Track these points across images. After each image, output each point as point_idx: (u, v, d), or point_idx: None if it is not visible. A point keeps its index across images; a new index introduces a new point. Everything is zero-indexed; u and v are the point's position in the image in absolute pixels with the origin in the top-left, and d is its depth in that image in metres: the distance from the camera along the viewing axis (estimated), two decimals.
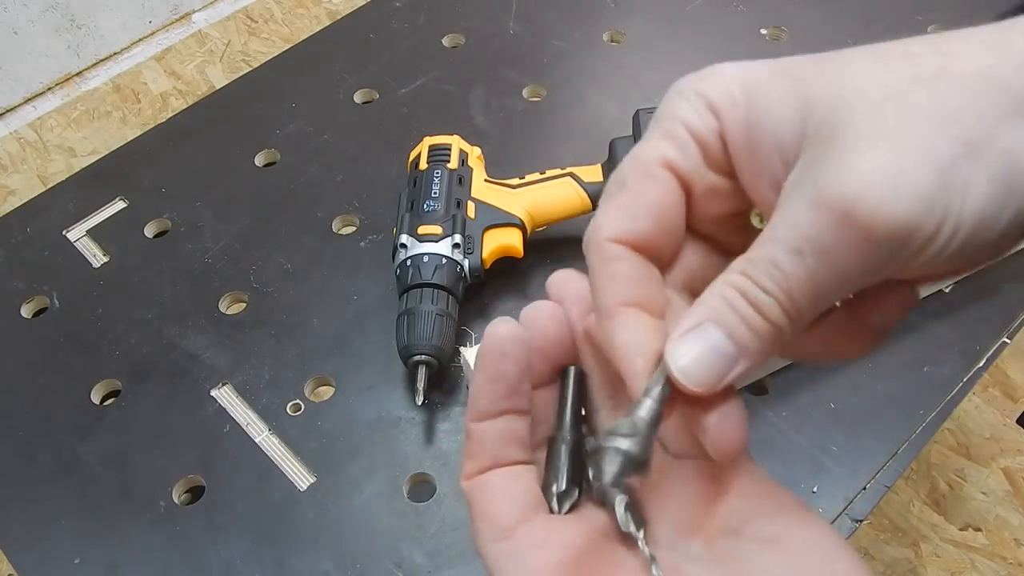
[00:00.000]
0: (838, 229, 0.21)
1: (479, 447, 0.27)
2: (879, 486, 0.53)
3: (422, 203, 0.59)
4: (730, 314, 0.23)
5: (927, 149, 0.20)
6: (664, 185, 0.25)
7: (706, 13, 0.81)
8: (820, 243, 0.21)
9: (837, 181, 0.21)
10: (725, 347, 0.23)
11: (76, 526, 0.53)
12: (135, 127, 0.81)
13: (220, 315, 0.63)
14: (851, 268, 0.21)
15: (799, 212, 0.22)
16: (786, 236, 0.22)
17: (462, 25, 0.82)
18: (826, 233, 0.21)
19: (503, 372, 0.27)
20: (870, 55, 0.23)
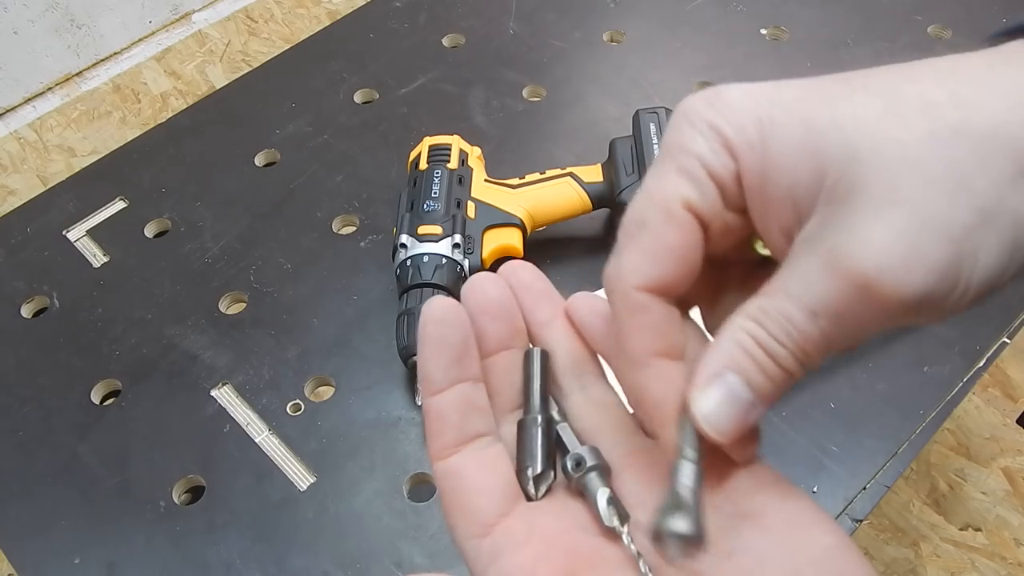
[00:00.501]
0: (853, 298, 0.22)
1: (440, 423, 0.27)
2: (879, 486, 0.53)
3: (422, 203, 0.59)
4: (748, 362, 0.24)
5: (943, 219, 0.21)
6: (686, 228, 0.25)
7: (706, 13, 0.81)
8: (834, 309, 0.22)
9: (854, 251, 0.21)
10: (744, 394, 0.24)
11: (76, 526, 0.53)
12: (135, 127, 0.81)
13: (220, 315, 0.63)
14: (862, 329, 0.23)
15: (813, 273, 0.22)
16: (800, 295, 0.23)
17: (462, 25, 0.82)
18: (841, 301, 0.22)
19: (446, 338, 0.27)
20: (885, 99, 0.22)
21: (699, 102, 0.25)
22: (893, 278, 0.21)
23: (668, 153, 0.25)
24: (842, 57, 0.75)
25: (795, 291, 0.23)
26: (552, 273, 0.67)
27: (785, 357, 0.23)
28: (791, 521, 0.24)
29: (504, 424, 0.29)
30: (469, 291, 0.28)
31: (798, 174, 0.23)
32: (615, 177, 0.60)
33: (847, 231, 0.22)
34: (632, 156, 0.61)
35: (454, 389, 0.27)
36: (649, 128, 0.61)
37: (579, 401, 0.29)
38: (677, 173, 0.25)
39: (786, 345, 0.23)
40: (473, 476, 0.27)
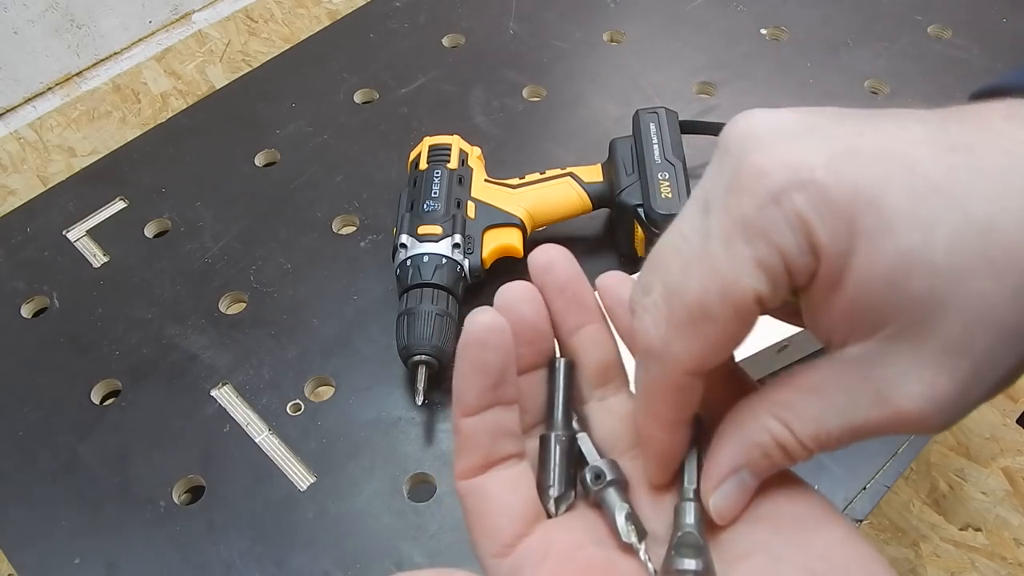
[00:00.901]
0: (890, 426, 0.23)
1: (471, 443, 0.27)
2: (879, 486, 0.53)
3: (422, 203, 0.59)
4: (764, 462, 0.25)
5: (1001, 370, 0.22)
6: (751, 322, 0.24)
7: (706, 13, 0.81)
8: (869, 431, 0.23)
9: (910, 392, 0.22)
10: (752, 483, 0.25)
11: (76, 526, 0.53)
12: (135, 127, 0.81)
13: (220, 315, 0.63)
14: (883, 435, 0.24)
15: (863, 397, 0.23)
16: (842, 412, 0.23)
17: (462, 25, 0.82)
18: (880, 427, 0.23)
19: (487, 364, 0.26)
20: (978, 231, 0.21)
21: (791, 182, 0.22)
22: (934, 421, 0.22)
23: (748, 233, 0.22)
24: (842, 57, 0.75)
25: (838, 405, 0.23)
26: None
27: (801, 455, 0.24)
28: (801, 518, 0.25)
29: (529, 439, 0.29)
30: (504, 309, 0.27)
31: (875, 296, 0.22)
32: (615, 177, 0.60)
33: (905, 369, 0.22)
34: (632, 156, 0.61)
35: (488, 413, 0.27)
36: (649, 128, 0.61)
37: (601, 410, 0.29)
38: (756, 266, 0.22)
39: (809, 448, 0.24)
40: (497, 497, 0.27)
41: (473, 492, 0.27)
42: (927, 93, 0.72)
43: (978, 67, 0.74)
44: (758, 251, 0.22)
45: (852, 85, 0.73)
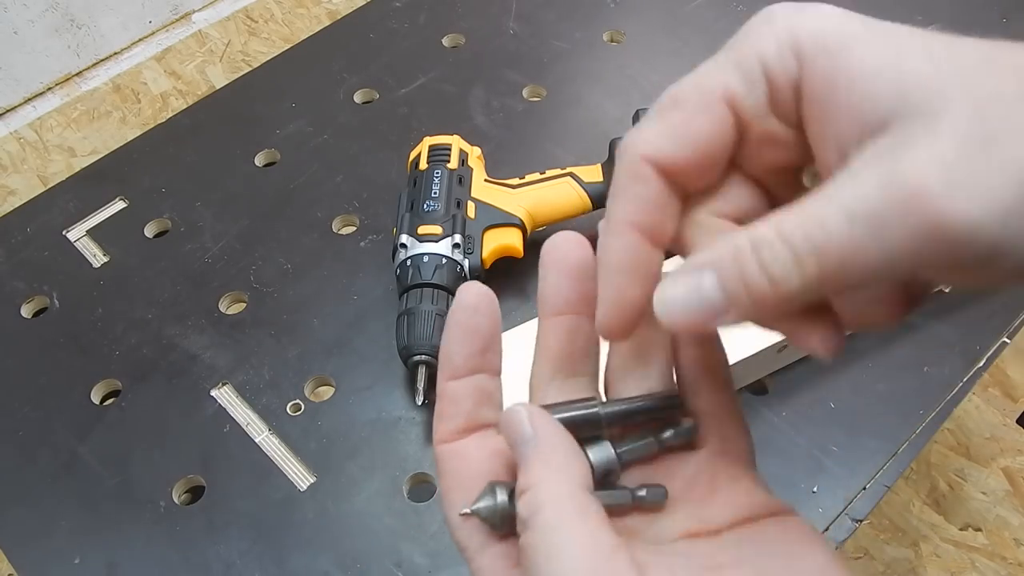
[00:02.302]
0: (905, 211, 0.19)
1: (453, 407, 0.27)
2: (879, 486, 0.53)
3: (422, 203, 0.59)
4: (732, 268, 0.22)
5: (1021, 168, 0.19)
6: (717, 117, 0.24)
7: (706, 13, 0.81)
8: (879, 217, 0.19)
9: (922, 170, 0.19)
10: (713, 295, 0.22)
11: (76, 526, 0.53)
12: (135, 127, 0.81)
13: (220, 315, 0.63)
14: (897, 253, 0.20)
15: (868, 184, 0.20)
16: (843, 200, 0.20)
17: (462, 25, 0.82)
18: (890, 211, 0.19)
19: (477, 328, 0.27)
20: (979, 53, 0.21)
21: (788, 5, 0.24)
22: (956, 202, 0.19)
23: (731, 45, 0.24)
24: None
25: (837, 196, 0.20)
26: None
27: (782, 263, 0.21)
28: (788, 539, 0.25)
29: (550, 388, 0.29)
30: (549, 244, 0.28)
31: (878, 87, 0.21)
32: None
33: (920, 152, 0.19)
34: None
35: (473, 378, 0.27)
36: None
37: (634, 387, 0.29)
38: (730, 64, 0.24)
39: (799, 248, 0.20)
40: (475, 461, 0.27)
41: (453, 455, 0.27)
42: None
43: None
44: (737, 53, 0.24)
45: None
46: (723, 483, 0.27)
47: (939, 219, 0.19)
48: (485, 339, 0.27)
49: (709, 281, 0.22)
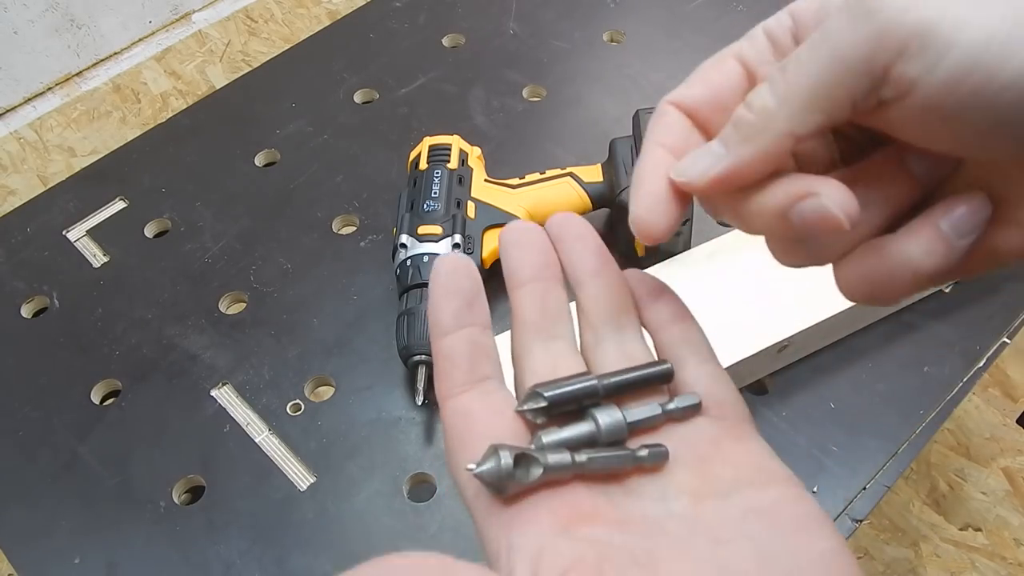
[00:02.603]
0: (848, 13, 0.22)
1: (450, 363, 0.28)
2: (879, 486, 0.53)
3: (422, 203, 0.59)
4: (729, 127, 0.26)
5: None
6: (726, 68, 0.28)
7: (706, 13, 0.81)
8: (830, 30, 0.23)
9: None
10: (717, 150, 0.26)
11: (76, 526, 0.53)
12: (135, 127, 0.81)
13: (220, 315, 0.63)
14: (852, 54, 0.22)
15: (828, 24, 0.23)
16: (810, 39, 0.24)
17: (462, 25, 0.82)
18: (838, 20, 0.22)
19: (459, 286, 0.28)
20: None
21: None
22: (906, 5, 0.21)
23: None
24: None
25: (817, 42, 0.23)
26: None
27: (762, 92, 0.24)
28: (796, 521, 0.25)
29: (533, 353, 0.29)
30: (505, 231, 0.30)
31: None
32: (615, 177, 0.60)
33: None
34: (632, 156, 0.61)
35: (463, 331, 0.28)
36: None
37: (612, 351, 0.30)
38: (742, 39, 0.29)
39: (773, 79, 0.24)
40: (480, 419, 0.27)
41: (459, 413, 0.28)
42: None
43: None
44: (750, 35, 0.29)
45: None
46: (727, 443, 0.27)
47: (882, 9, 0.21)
48: (467, 294, 0.28)
49: (715, 144, 0.26)
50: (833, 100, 0.23)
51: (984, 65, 0.20)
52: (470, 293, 0.28)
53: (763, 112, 0.24)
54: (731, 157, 0.25)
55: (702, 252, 0.59)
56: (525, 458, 0.25)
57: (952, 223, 0.24)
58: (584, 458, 0.26)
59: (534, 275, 0.30)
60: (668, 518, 0.25)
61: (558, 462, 0.26)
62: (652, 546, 0.24)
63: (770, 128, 0.24)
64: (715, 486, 0.26)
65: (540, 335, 0.29)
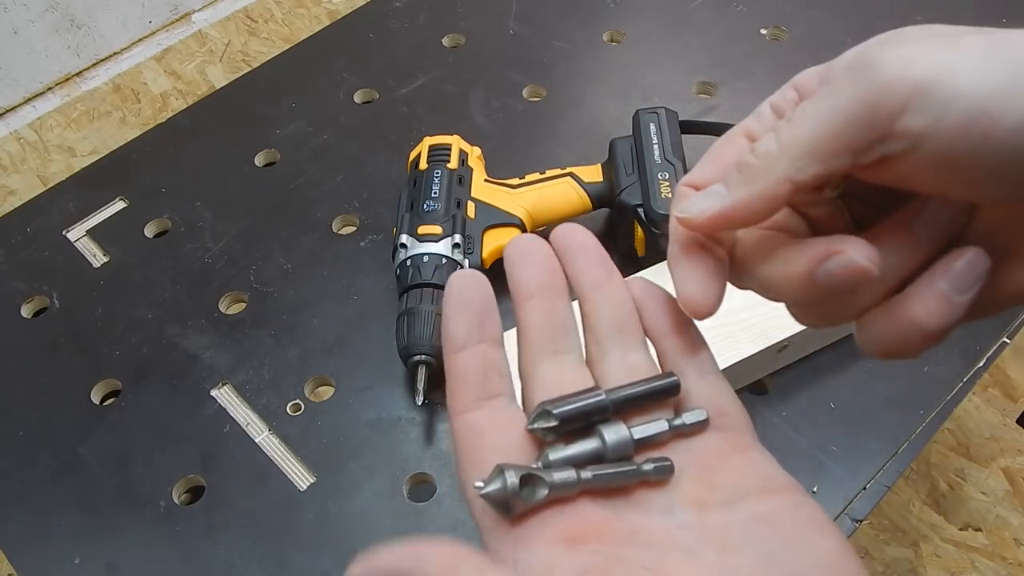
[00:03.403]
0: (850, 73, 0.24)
1: (461, 379, 0.28)
2: (879, 486, 0.53)
3: (422, 203, 0.59)
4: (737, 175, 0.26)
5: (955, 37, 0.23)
6: (736, 145, 0.29)
7: (706, 13, 0.81)
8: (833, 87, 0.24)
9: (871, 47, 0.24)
10: (720, 191, 0.27)
11: (76, 526, 0.53)
12: (135, 127, 0.81)
13: (220, 315, 0.63)
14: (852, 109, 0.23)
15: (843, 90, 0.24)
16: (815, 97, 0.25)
17: (462, 25, 0.82)
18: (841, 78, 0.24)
19: (471, 302, 0.29)
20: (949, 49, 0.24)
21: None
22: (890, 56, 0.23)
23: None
24: None
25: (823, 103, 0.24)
26: None
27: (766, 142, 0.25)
28: (800, 525, 0.25)
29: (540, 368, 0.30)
30: (510, 245, 0.31)
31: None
32: (615, 177, 0.60)
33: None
34: (632, 156, 0.61)
35: (475, 348, 0.28)
36: (649, 128, 0.61)
37: (617, 363, 0.30)
38: (750, 116, 0.29)
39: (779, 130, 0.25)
40: (490, 435, 0.28)
41: (469, 429, 0.28)
42: None
43: None
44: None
45: None
46: (730, 454, 0.28)
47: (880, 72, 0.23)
48: (479, 311, 0.29)
49: (718, 186, 0.27)
50: (832, 151, 0.24)
51: (989, 113, 0.22)
52: (483, 309, 0.29)
53: (765, 157, 0.25)
54: (731, 197, 0.26)
55: None
56: (531, 478, 0.26)
57: (951, 281, 0.25)
58: (589, 475, 0.26)
59: (540, 289, 0.30)
60: (675, 528, 0.26)
61: (563, 480, 0.26)
62: (660, 556, 0.25)
63: (770, 172, 0.25)
64: (719, 496, 0.26)
65: (547, 350, 0.30)
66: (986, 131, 0.22)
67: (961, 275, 0.25)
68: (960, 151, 0.22)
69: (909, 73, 0.23)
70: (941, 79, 0.22)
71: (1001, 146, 0.22)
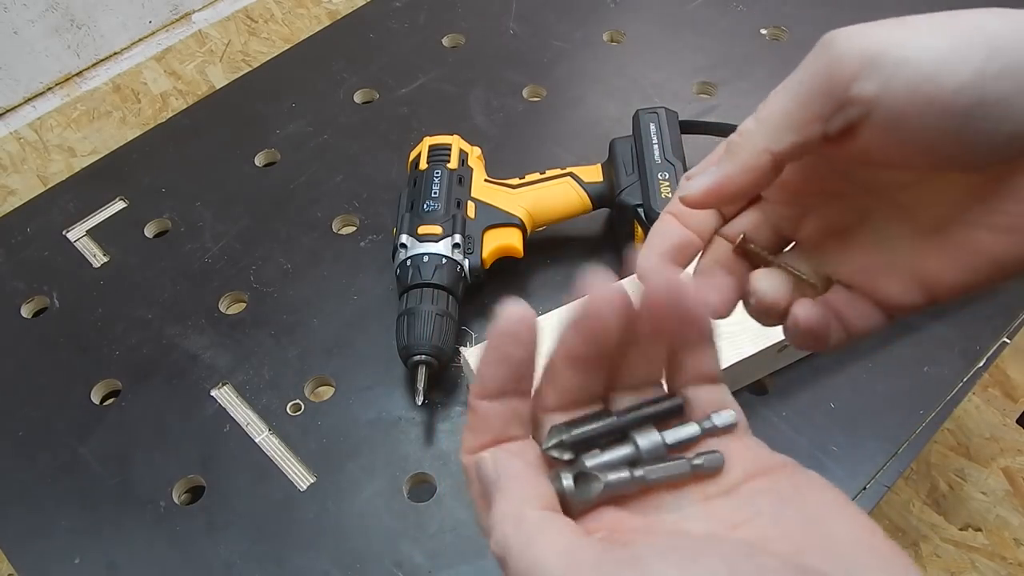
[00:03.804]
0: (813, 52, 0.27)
1: (483, 423, 0.28)
2: (879, 486, 0.53)
3: (422, 203, 0.59)
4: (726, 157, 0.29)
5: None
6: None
7: (706, 13, 0.81)
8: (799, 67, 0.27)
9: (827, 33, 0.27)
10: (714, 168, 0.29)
11: (76, 526, 0.53)
12: (135, 127, 0.81)
13: (220, 315, 0.63)
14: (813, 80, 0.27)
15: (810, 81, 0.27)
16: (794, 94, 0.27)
17: (462, 25, 0.82)
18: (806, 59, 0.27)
19: (511, 357, 0.27)
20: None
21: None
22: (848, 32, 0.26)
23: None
24: None
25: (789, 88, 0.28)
26: (552, 273, 0.68)
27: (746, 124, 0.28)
28: (798, 487, 0.27)
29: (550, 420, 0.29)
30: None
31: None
32: (615, 177, 0.60)
33: None
34: (632, 156, 0.61)
35: (505, 400, 0.28)
36: (649, 128, 0.61)
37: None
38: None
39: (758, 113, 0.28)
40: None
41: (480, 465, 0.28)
42: None
43: None
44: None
45: None
46: (732, 451, 0.28)
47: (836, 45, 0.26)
48: (519, 368, 0.28)
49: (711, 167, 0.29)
50: (802, 121, 0.27)
51: (932, 78, 0.24)
52: (522, 365, 0.28)
53: (746, 133, 0.28)
54: (720, 171, 0.29)
55: None
56: (584, 477, 0.26)
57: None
58: (642, 472, 0.27)
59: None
60: (686, 520, 0.27)
61: (618, 479, 0.26)
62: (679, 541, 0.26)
63: (751, 146, 0.28)
64: (722, 487, 0.27)
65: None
66: (931, 95, 0.24)
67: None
68: (911, 114, 0.25)
69: (859, 45, 0.26)
70: (888, 50, 0.25)
71: (947, 108, 0.24)
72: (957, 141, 0.25)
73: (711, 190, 0.29)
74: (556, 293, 0.60)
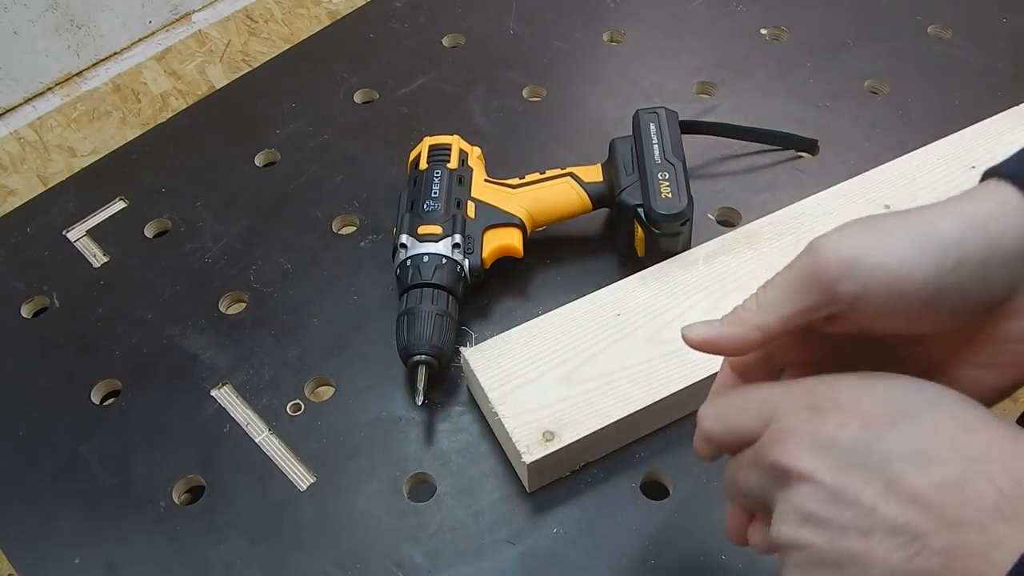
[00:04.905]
0: (802, 255, 0.33)
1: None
2: None
3: (422, 203, 0.59)
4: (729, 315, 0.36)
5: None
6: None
7: (706, 13, 0.81)
8: (792, 264, 0.33)
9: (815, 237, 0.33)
10: (715, 322, 0.36)
11: (76, 526, 0.53)
12: (135, 127, 0.81)
13: (220, 315, 0.63)
14: (801, 279, 0.32)
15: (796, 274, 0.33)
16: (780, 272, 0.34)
17: (462, 25, 0.82)
18: (798, 258, 0.33)
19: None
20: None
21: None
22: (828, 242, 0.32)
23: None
24: (842, 57, 0.75)
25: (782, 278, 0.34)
26: (552, 273, 0.68)
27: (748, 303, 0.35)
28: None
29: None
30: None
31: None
32: (615, 177, 0.60)
33: None
34: (632, 156, 0.61)
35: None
36: (649, 128, 0.61)
37: None
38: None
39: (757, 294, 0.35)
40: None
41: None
42: (927, 93, 0.72)
43: (978, 67, 0.74)
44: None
45: (852, 85, 0.73)
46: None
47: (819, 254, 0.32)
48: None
49: (717, 320, 0.36)
50: (790, 309, 0.33)
51: (902, 277, 0.30)
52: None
53: (747, 310, 0.35)
54: (719, 330, 0.35)
55: (702, 252, 0.59)
56: None
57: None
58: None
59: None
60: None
61: None
62: None
63: (748, 321, 0.34)
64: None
65: None
66: (902, 288, 0.30)
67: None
68: (889, 304, 0.31)
69: (840, 253, 0.31)
70: (864, 256, 0.31)
71: (917, 296, 0.30)
72: (931, 316, 0.31)
73: (705, 341, 0.36)
74: (556, 293, 0.60)
